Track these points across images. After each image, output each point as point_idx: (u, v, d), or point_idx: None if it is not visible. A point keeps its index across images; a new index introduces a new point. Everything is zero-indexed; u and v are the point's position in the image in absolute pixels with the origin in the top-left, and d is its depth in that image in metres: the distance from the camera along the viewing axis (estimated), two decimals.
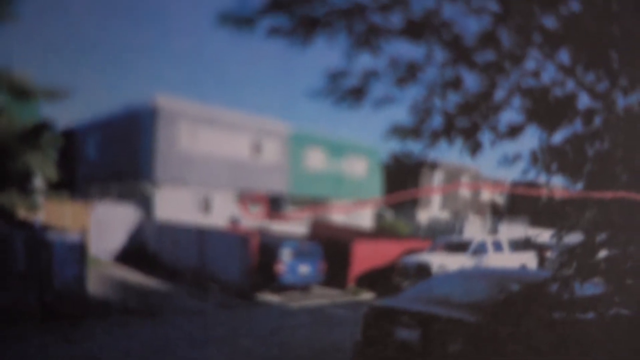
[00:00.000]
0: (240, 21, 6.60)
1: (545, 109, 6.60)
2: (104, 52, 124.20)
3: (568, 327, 6.98)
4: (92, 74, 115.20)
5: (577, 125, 6.57)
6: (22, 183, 19.32)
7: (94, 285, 18.38)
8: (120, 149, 30.88)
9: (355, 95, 7.09)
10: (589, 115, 6.47)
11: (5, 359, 11.46)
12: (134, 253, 26.07)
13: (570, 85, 6.57)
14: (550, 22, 6.47)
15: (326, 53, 8.02)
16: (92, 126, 33.65)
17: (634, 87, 6.28)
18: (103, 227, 25.43)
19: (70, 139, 33.10)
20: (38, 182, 21.17)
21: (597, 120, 6.50)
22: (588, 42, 6.16)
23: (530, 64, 6.71)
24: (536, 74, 6.72)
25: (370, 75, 7.08)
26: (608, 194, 6.05)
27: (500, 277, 9.79)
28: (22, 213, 20.09)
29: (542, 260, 27.41)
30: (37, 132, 18.77)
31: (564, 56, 6.55)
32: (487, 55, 6.81)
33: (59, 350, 12.18)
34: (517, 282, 8.84)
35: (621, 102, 6.40)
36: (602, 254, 6.46)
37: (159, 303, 18.14)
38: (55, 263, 15.40)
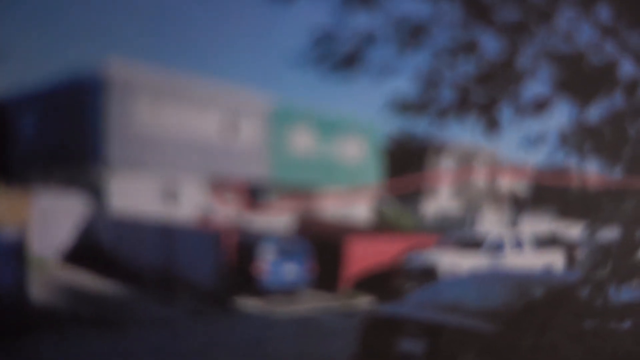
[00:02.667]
0: None
1: (579, 79, 6.49)
2: (43, 6, 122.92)
3: (601, 338, 7.03)
4: (29, 33, 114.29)
5: (617, 99, 6.51)
6: None
7: (39, 291, 18.34)
8: (64, 126, 30.32)
9: (349, 63, 6.96)
10: (632, 86, 6.41)
11: None
12: (86, 251, 25.90)
13: (609, 49, 6.50)
14: None
15: (315, 11, 7.95)
16: (29, 98, 32.94)
17: None
18: (47, 220, 25.26)
19: (2, 113, 32.76)
20: None
21: None
22: None
23: (561, 24, 6.67)
24: (568, 36, 6.66)
25: (367, 39, 6.96)
26: None
27: (521, 279, 9.85)
28: None
29: (571, 260, 27.55)
30: None
31: (603, 13, 6.50)
32: (509, 13, 6.73)
33: None
34: (541, 286, 8.89)
35: None
36: None
37: (119, 311, 18.15)
38: None
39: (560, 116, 6.84)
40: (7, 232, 15.66)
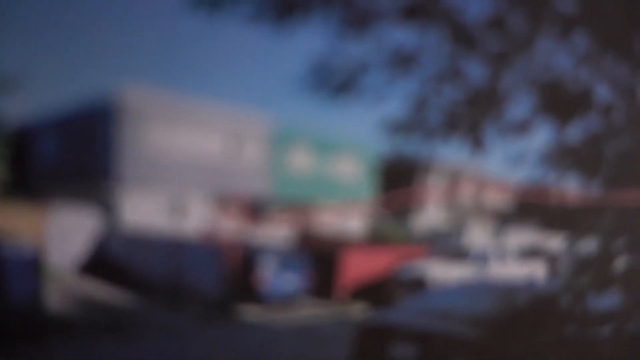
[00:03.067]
0: (216, 4, 6.55)
1: (557, 103, 6.52)
2: (63, 37, 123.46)
3: (581, 344, 6.99)
4: (50, 62, 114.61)
5: (593, 121, 6.50)
6: None
7: (55, 301, 18.29)
8: (80, 146, 30.47)
9: (344, 90, 7.00)
10: (607, 109, 6.40)
11: None
12: (100, 263, 25.88)
13: (585, 75, 6.50)
14: (563, 2, 6.43)
15: (312, 41, 7.96)
16: (49, 121, 33.14)
17: None
18: (63, 234, 25.23)
19: (24, 136, 32.87)
20: None
21: (616, 114, 6.44)
22: (607, 24, 6.11)
23: (540, 52, 6.66)
24: (546, 64, 6.65)
25: (360, 68, 7.00)
26: (628, 196, 6.01)
27: (505, 288, 9.81)
28: None
29: (552, 270, 27.48)
30: None
31: (579, 42, 6.49)
32: (492, 43, 6.75)
33: None
34: (524, 295, 8.85)
35: None
36: (620, 263, 6.43)
37: (129, 319, 18.07)
38: (9, 279, 15.23)
39: (541, 136, 6.84)
40: (25, 246, 15.63)
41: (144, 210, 28.17)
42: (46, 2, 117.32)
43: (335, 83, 7.02)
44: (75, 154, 30.78)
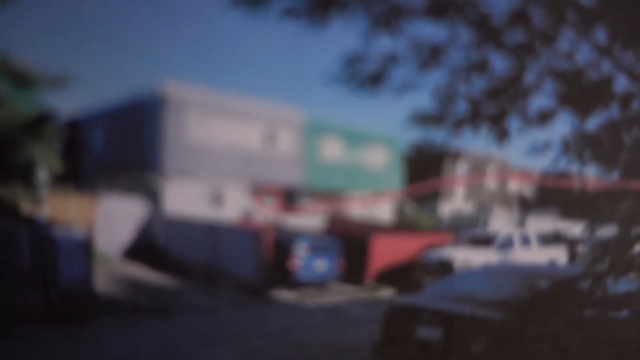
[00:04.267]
0: (252, 1, 6.55)
1: (579, 93, 6.45)
2: (109, 38, 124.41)
3: (600, 327, 6.90)
4: (97, 60, 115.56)
5: (614, 110, 6.42)
6: (25, 176, 19.35)
7: (102, 283, 18.45)
8: (127, 139, 30.86)
9: (375, 81, 7.01)
10: (626, 99, 6.32)
11: (12, 357, 11.51)
12: (143, 248, 26.13)
13: (606, 66, 6.42)
14: None
15: (343, 36, 7.95)
16: (98, 116, 33.61)
17: None
18: (110, 221, 25.50)
19: (75, 129, 33.16)
20: (42, 174, 21.22)
21: (636, 105, 6.37)
22: (626, 18, 6.02)
23: (563, 45, 6.58)
24: (569, 55, 6.57)
25: (391, 60, 7.00)
26: None
27: (528, 273, 9.73)
28: (26, 207, 20.14)
29: (572, 256, 27.26)
30: (40, 122, 18.75)
31: (600, 35, 6.42)
32: (517, 36, 6.67)
33: (66, 349, 12.23)
34: (546, 279, 8.77)
35: None
36: (638, 248, 6.35)
37: (170, 300, 18.20)
38: (61, 260, 15.44)
39: (563, 126, 6.78)
40: (77, 233, 15.81)
41: (184, 199, 28.35)
42: (95, 2, 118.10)
43: (366, 74, 7.03)
44: (122, 145, 31.08)
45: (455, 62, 6.94)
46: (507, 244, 24.78)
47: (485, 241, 25.19)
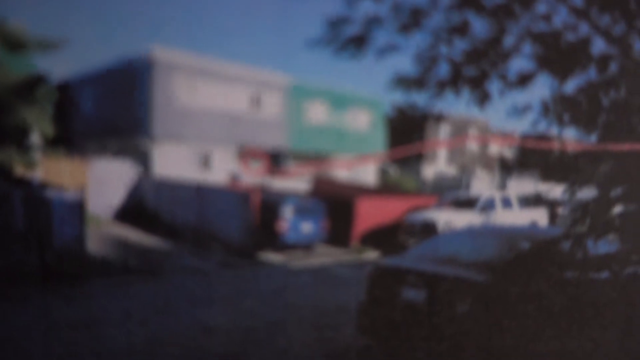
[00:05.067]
0: None
1: (557, 56, 6.43)
2: (98, 2, 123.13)
3: (581, 287, 6.95)
4: (86, 24, 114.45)
5: (591, 73, 6.42)
6: (19, 139, 19.27)
7: (94, 244, 18.45)
8: (116, 102, 30.72)
9: (357, 43, 6.95)
10: (604, 61, 6.31)
11: (9, 318, 11.54)
12: (133, 210, 26.12)
13: (583, 29, 6.41)
14: None
15: (328, 1, 7.90)
16: (87, 79, 33.36)
17: None
18: (101, 184, 25.45)
19: (65, 93, 32.98)
20: (35, 137, 21.14)
21: (613, 67, 6.36)
22: None
23: (541, 7, 6.55)
24: (547, 18, 6.55)
25: (373, 22, 6.92)
26: (624, 146, 5.92)
27: (510, 234, 9.74)
28: (19, 170, 20.09)
29: (553, 217, 27.44)
30: (32, 86, 18.63)
31: None
32: None
33: (61, 309, 12.25)
34: (527, 240, 8.78)
35: (638, 46, 6.28)
36: (618, 209, 6.37)
37: (160, 262, 18.21)
38: (55, 222, 15.41)
39: (542, 89, 6.83)
40: (70, 194, 15.76)
41: (173, 163, 28.34)
42: None
43: (349, 36, 6.98)
44: (111, 109, 31.00)
45: (436, 25, 6.89)
46: (489, 206, 24.90)
47: (467, 203, 25.30)
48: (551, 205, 27.61)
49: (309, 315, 12.33)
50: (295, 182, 31.75)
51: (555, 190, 24.72)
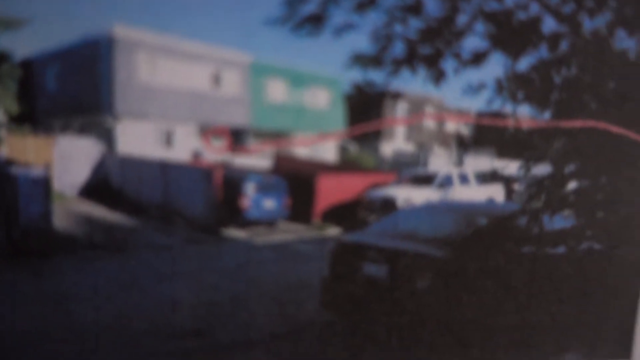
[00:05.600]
0: None
1: (509, 34, 6.51)
2: None
3: (538, 262, 7.08)
4: (49, 2, 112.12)
5: (543, 51, 6.52)
6: None
7: (60, 221, 18.30)
8: (79, 80, 30.18)
9: (314, 21, 6.95)
10: (554, 39, 6.37)
11: None
12: (98, 187, 25.89)
13: (534, 8, 6.48)
14: None
15: None
16: (50, 56, 32.65)
17: (600, 8, 6.23)
18: (66, 161, 25.18)
19: (29, 70, 32.50)
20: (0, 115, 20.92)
21: (564, 45, 6.46)
22: None
23: None
24: None
25: (329, 1, 6.93)
26: (577, 123, 6.00)
27: (467, 210, 9.85)
28: None
29: (510, 193, 27.72)
30: None
31: None
32: None
33: (29, 285, 12.19)
34: (485, 216, 8.90)
35: (588, 24, 6.38)
36: (572, 185, 6.49)
37: (125, 238, 18.12)
38: (21, 199, 15.29)
39: (496, 67, 6.88)
40: (35, 171, 15.65)
41: (136, 141, 28.10)
42: None
43: (306, 15, 6.98)
44: (75, 87, 30.49)
45: (391, 4, 6.92)
46: (446, 182, 25.10)
47: (426, 180, 25.47)
48: (507, 182, 27.88)
49: (273, 291, 12.40)
50: (257, 159, 31.69)
51: (511, 167, 24.95)
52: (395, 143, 47.98)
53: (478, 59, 6.85)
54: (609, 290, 6.45)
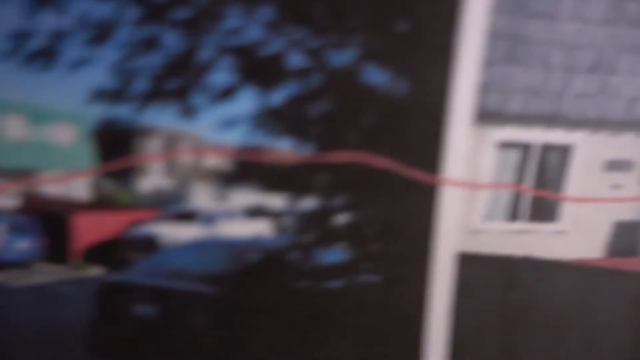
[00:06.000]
0: None
1: (257, 69, 6.62)
2: None
3: (317, 297, 7.11)
4: None
5: (294, 85, 6.64)
6: None
7: None
8: None
9: (44, 56, 6.67)
10: (302, 74, 6.55)
11: None
12: None
13: (279, 43, 6.62)
14: None
15: (6, 13, 7.64)
16: None
17: (345, 42, 6.45)
18: None
19: None
20: None
21: (315, 79, 6.60)
22: None
23: (232, 22, 6.70)
24: (239, 32, 6.71)
25: (58, 36, 6.72)
26: (340, 157, 6.09)
27: (236, 246, 9.85)
28: None
29: (277, 228, 28.14)
30: None
31: (267, 14, 6.60)
32: (183, 13, 6.73)
33: None
34: (254, 251, 8.91)
35: (337, 59, 6.55)
36: (343, 219, 6.57)
37: None
38: None
39: (252, 101, 6.94)
40: None
41: None
42: None
43: (34, 50, 6.71)
44: None
45: (126, 39, 6.86)
46: (211, 218, 25.07)
47: (189, 216, 25.29)
48: (274, 216, 28.32)
49: (34, 336, 11.73)
50: (2, 200, 30.12)
51: (278, 201, 25.47)
52: (153, 179, 47.37)
53: (227, 93, 6.83)
54: (392, 323, 6.56)
